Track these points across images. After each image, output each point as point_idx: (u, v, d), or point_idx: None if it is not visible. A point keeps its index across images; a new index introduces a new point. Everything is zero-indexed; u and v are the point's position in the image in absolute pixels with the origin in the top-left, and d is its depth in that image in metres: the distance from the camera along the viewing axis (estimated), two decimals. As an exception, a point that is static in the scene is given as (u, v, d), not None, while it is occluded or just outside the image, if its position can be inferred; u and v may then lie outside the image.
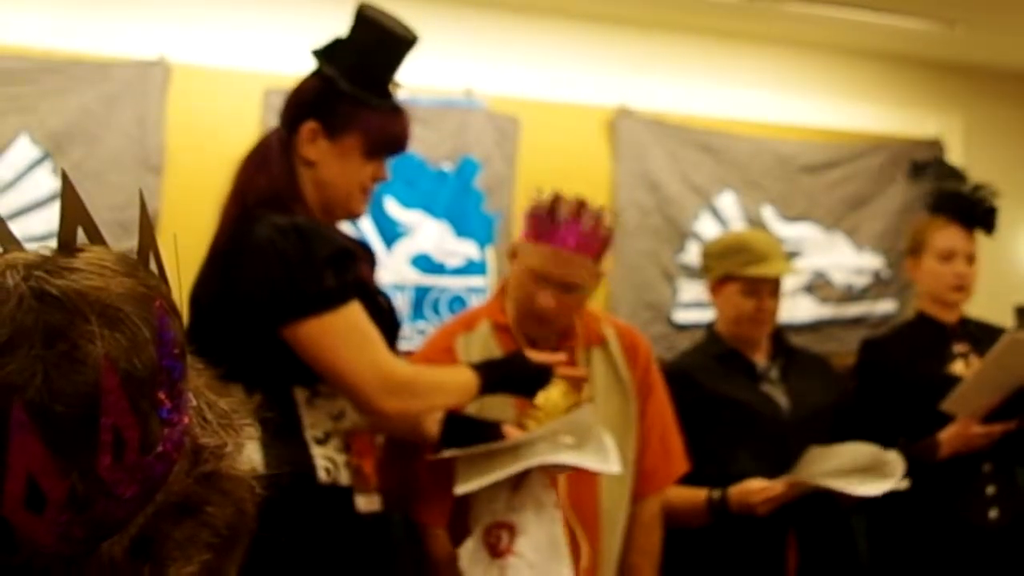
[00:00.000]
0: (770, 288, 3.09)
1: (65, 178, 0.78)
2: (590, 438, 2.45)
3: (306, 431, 2.24)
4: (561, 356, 2.53)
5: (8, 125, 3.86)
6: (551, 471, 2.47)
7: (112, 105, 3.98)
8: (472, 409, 2.51)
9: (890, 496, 2.91)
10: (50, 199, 3.87)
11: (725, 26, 4.82)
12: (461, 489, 2.41)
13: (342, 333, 2.18)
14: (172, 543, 0.76)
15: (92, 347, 0.71)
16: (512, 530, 2.42)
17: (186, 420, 0.77)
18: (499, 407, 2.58)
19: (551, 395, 2.63)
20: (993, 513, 3.20)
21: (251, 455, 0.84)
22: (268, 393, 2.14)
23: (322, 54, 2.35)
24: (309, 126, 2.32)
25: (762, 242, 3.18)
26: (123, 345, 0.73)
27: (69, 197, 0.78)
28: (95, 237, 0.79)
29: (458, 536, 2.52)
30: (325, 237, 2.23)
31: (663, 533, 2.83)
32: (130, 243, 0.81)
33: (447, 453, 2.42)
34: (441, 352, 2.65)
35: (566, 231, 2.56)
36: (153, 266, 0.79)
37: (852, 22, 4.67)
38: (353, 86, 2.30)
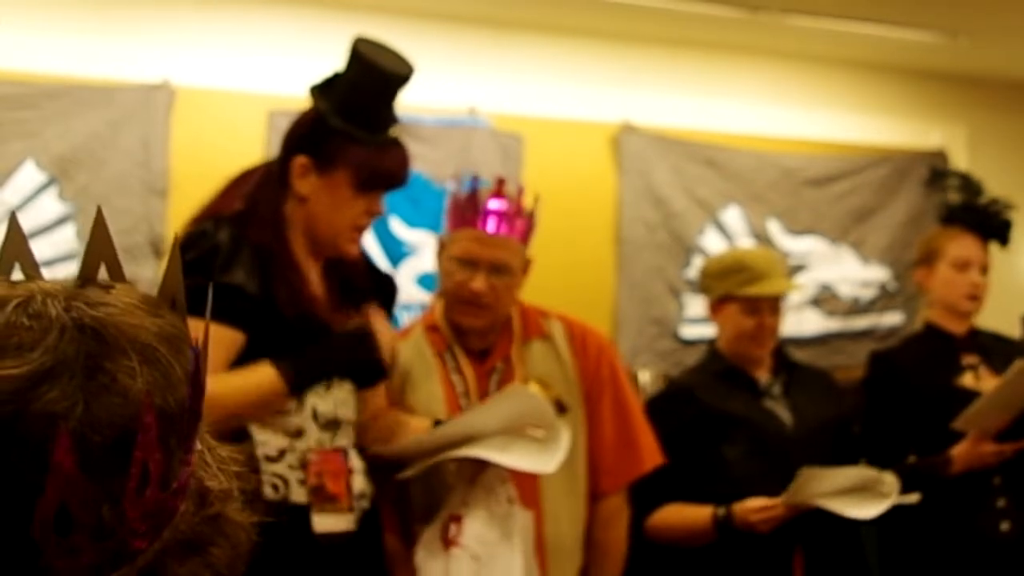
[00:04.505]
0: (770, 306, 3.08)
1: (99, 214, 0.80)
2: (552, 434, 2.45)
3: (256, 448, 2.25)
4: (374, 311, 2.44)
5: (13, 150, 3.86)
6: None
7: (117, 129, 3.98)
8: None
9: (901, 508, 2.90)
10: (56, 224, 3.87)
11: (728, 40, 4.82)
12: (401, 475, 2.44)
13: None
14: None
15: (131, 382, 0.74)
16: (460, 522, 2.43)
17: (193, 461, 0.79)
18: None
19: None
20: (1004, 526, 3.19)
21: None
22: None
23: (318, 89, 2.38)
24: (300, 161, 2.35)
25: (761, 260, 3.17)
26: (160, 382, 0.75)
27: (98, 233, 0.80)
28: (117, 275, 0.81)
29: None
30: (215, 255, 2.23)
31: (627, 531, 2.80)
32: (135, 267, 0.82)
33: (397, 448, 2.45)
34: None
35: (488, 213, 2.57)
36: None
37: (855, 35, 4.67)
38: (344, 121, 2.32)
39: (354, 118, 2.33)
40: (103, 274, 0.81)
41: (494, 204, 2.58)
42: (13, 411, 0.71)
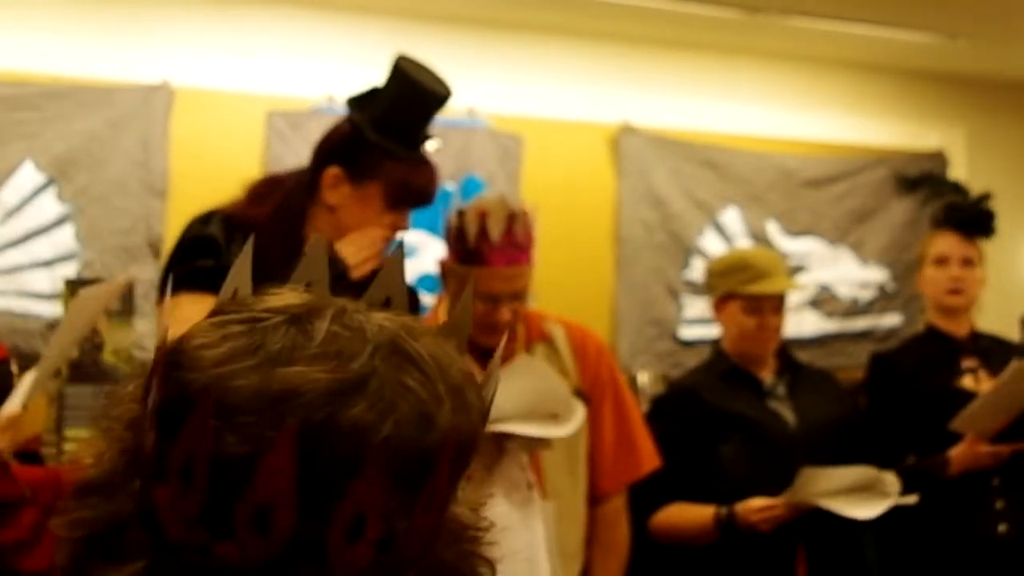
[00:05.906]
0: (773, 305, 3.09)
1: (399, 250, 0.87)
2: (567, 408, 2.45)
3: None
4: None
5: (13, 151, 3.86)
6: (531, 449, 2.47)
7: (116, 130, 3.98)
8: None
9: (900, 509, 2.90)
10: (54, 224, 3.87)
11: (727, 41, 4.83)
12: None
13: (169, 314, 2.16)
14: None
15: (440, 410, 0.78)
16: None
17: (458, 497, 0.84)
18: None
19: None
20: (1002, 527, 3.20)
21: None
22: None
23: (355, 102, 2.38)
24: (333, 171, 2.35)
25: (764, 259, 3.19)
26: (461, 416, 0.80)
27: (394, 267, 0.87)
28: (400, 309, 0.85)
29: None
30: (209, 243, 2.25)
31: (629, 529, 2.82)
32: (134, 268, 0.83)
33: None
34: None
35: (504, 249, 2.57)
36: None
37: (854, 36, 4.67)
38: (380, 136, 2.33)
39: (391, 133, 2.34)
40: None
41: (509, 238, 2.56)
42: (326, 415, 0.74)
